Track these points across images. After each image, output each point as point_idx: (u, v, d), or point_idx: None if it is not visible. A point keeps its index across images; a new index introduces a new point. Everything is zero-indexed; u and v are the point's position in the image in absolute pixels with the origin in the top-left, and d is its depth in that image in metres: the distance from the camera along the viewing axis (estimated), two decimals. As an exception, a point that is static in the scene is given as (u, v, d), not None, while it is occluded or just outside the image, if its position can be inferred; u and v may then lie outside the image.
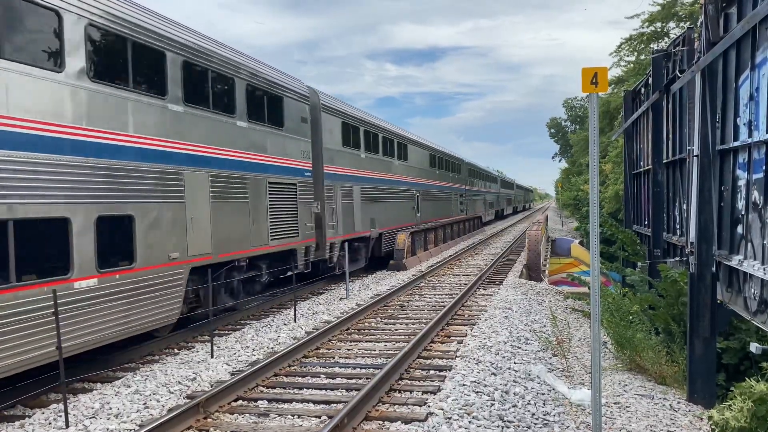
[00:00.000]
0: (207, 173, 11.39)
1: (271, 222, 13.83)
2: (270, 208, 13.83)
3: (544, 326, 12.35)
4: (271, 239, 13.88)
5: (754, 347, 7.81)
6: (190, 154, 10.94)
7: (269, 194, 13.81)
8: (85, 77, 8.67)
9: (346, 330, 11.72)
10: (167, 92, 10.42)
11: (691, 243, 9.39)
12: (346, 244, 17.32)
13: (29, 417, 7.31)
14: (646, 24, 29.58)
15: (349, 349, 10.29)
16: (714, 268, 8.89)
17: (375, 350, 10.17)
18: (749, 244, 7.54)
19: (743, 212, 7.76)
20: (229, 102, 12.41)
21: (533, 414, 7.13)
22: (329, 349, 10.30)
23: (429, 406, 7.22)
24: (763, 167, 7.05)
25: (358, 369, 9.07)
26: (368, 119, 21.91)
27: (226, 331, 12.17)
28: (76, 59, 8.49)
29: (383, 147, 23.26)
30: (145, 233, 9.65)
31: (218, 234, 11.71)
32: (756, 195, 7.30)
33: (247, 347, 10.44)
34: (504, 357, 9.46)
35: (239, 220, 12.51)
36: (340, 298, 15.73)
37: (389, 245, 22.73)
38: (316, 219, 16.41)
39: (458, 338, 10.87)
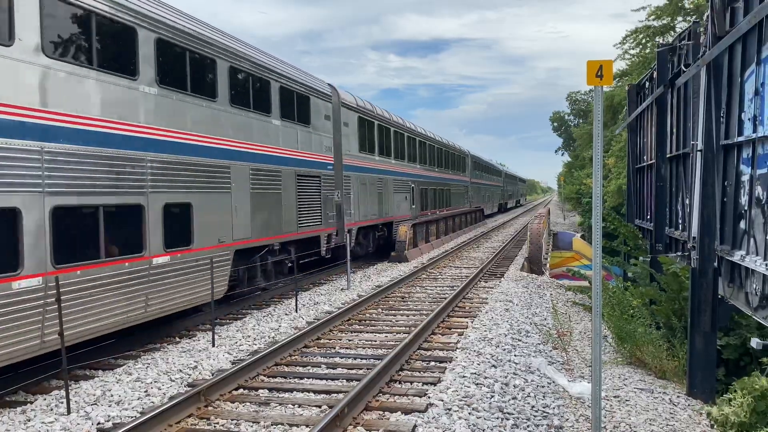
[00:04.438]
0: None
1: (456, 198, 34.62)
2: (460, 196, 36.28)
3: (545, 319, 12.36)
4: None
5: (754, 342, 7.81)
6: (417, 175, 26.72)
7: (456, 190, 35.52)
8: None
9: (347, 320, 11.74)
10: (425, 162, 28.43)
11: (694, 238, 9.38)
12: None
13: (31, 403, 7.34)
14: (652, 17, 29.39)
15: (350, 340, 10.32)
16: (716, 263, 8.88)
17: (376, 341, 10.19)
18: (752, 240, 7.53)
19: (746, 208, 7.74)
20: (442, 159, 31.96)
21: (533, 406, 7.15)
22: (330, 340, 10.33)
23: (429, 397, 7.25)
24: (768, 163, 7.02)
25: (359, 359, 9.10)
26: (480, 156, 45.66)
27: (228, 320, 12.20)
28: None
29: (484, 170, 48.14)
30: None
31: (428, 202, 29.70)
32: (759, 190, 7.28)
33: (249, 336, 10.47)
34: (504, 349, 9.48)
35: (459, 201, 36.07)
36: (342, 289, 15.75)
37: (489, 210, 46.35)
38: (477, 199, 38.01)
39: (459, 330, 10.89)
